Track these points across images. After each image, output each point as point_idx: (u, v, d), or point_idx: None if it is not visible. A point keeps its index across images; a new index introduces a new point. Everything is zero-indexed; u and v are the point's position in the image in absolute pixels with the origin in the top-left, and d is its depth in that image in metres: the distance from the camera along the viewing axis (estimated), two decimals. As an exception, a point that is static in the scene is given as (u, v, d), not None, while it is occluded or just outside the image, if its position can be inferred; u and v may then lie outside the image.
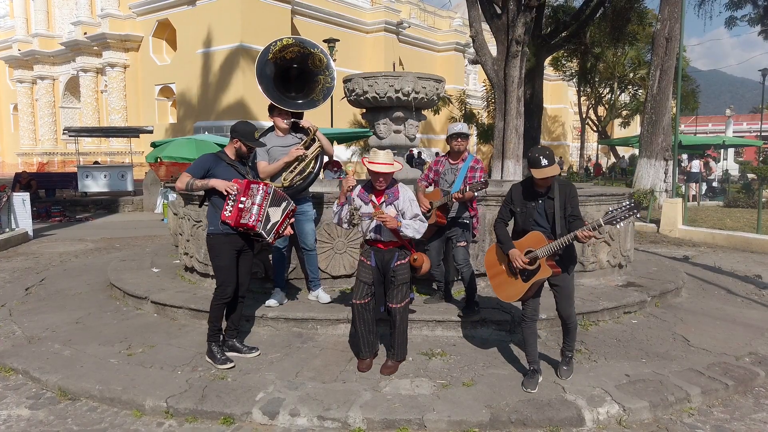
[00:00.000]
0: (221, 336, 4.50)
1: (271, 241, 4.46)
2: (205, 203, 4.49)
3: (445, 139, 5.26)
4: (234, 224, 4.25)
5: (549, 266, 3.83)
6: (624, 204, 3.66)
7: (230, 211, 4.23)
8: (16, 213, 11.82)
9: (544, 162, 3.74)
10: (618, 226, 3.72)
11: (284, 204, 4.48)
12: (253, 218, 4.26)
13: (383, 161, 4.14)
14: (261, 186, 4.35)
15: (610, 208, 3.77)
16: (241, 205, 4.24)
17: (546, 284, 4.08)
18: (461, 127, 5.10)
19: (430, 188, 5.31)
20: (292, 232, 4.82)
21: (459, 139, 5.07)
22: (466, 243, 5.12)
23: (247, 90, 27.80)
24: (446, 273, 5.44)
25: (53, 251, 10.30)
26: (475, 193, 4.79)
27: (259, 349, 4.61)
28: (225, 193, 4.24)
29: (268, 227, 4.37)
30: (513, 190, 4.07)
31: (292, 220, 4.70)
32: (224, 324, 4.55)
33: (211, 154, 4.49)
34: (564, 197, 3.86)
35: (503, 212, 4.11)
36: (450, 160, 5.22)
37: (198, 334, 5.06)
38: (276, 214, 4.43)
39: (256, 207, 4.28)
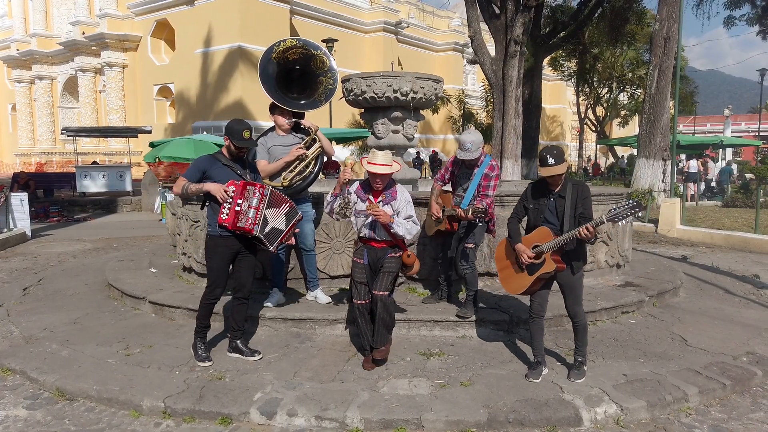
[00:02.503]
0: (207, 333, 4.54)
1: (273, 249, 4.43)
2: (206, 204, 4.46)
3: None
4: (231, 227, 4.22)
5: (553, 261, 3.94)
6: (627, 202, 3.76)
7: (227, 214, 4.19)
8: (14, 213, 11.80)
9: (551, 161, 3.86)
10: (621, 223, 3.83)
11: (286, 208, 4.38)
12: (249, 221, 4.22)
13: (381, 162, 4.16)
14: (257, 188, 4.28)
15: (613, 206, 3.85)
16: (237, 208, 4.19)
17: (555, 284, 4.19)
18: (468, 147, 4.76)
19: (447, 186, 5.26)
20: (294, 242, 4.79)
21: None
22: (474, 245, 5.08)
23: (246, 90, 27.80)
24: (449, 273, 5.41)
25: (51, 251, 10.28)
26: (476, 220, 4.70)
27: (262, 354, 4.57)
28: (220, 199, 4.20)
29: (267, 230, 4.31)
30: (528, 187, 4.22)
31: (297, 230, 4.67)
32: (213, 323, 4.58)
33: (208, 156, 4.44)
34: (576, 197, 3.96)
35: (518, 208, 4.24)
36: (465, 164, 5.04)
37: (196, 334, 5.06)
38: (279, 221, 4.35)
39: (252, 210, 4.23)
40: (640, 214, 3.78)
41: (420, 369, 4.33)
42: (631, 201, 3.76)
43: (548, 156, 3.87)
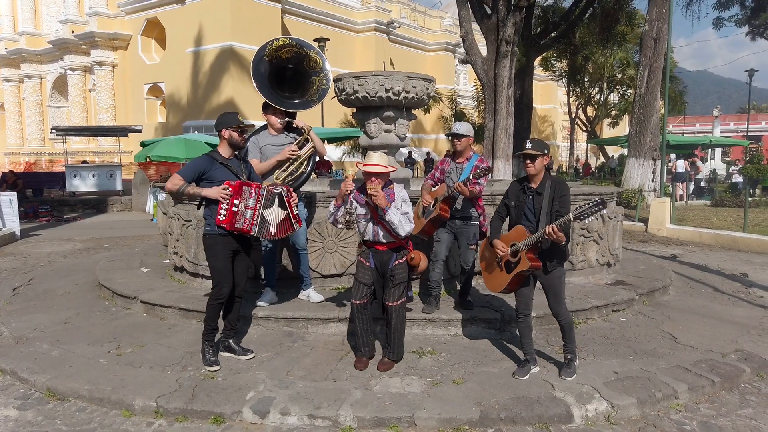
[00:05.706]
0: (215, 336, 4.47)
1: (295, 226, 4.50)
2: (203, 204, 4.43)
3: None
4: (229, 228, 4.21)
5: (528, 259, 3.96)
6: (592, 200, 3.73)
7: (224, 215, 4.18)
8: (3, 213, 11.70)
9: (528, 144, 4.06)
10: (586, 221, 3.85)
11: (276, 199, 4.35)
12: (247, 222, 4.22)
13: (376, 162, 4.18)
14: (254, 188, 4.27)
15: (580, 204, 3.84)
16: (234, 209, 4.19)
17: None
18: (457, 127, 5.12)
19: (436, 188, 5.32)
20: (300, 225, 4.72)
21: (455, 140, 5.12)
22: (475, 245, 5.14)
23: (237, 89, 27.71)
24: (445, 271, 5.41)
25: (41, 251, 10.21)
26: (479, 180, 4.81)
27: (254, 353, 4.56)
28: (220, 200, 4.19)
29: (266, 229, 4.31)
30: (510, 186, 4.31)
31: (296, 200, 4.59)
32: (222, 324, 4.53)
33: (205, 156, 4.41)
34: (553, 194, 3.99)
35: (500, 207, 4.33)
36: (456, 160, 5.23)
37: (188, 333, 5.05)
38: (275, 214, 4.35)
39: (249, 211, 4.23)
40: (605, 212, 3.76)
41: (412, 367, 4.35)
42: (596, 198, 3.72)
43: (527, 141, 4.10)
